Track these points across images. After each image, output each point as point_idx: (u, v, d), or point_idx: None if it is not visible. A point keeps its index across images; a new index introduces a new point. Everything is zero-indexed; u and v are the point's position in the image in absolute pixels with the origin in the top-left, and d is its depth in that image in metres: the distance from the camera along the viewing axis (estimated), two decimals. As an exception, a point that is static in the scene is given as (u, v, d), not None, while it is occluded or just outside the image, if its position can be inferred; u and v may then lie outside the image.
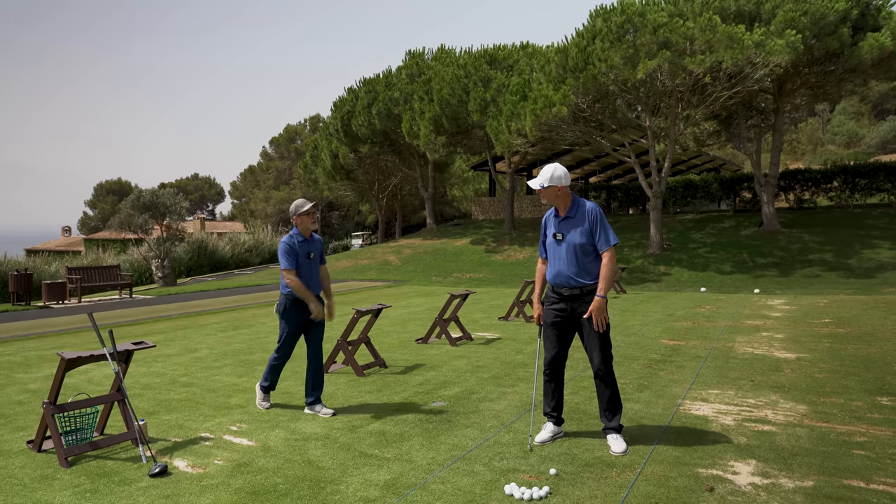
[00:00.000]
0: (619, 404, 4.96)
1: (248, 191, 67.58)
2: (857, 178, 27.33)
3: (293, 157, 63.10)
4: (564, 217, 4.96)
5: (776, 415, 5.64)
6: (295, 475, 4.47)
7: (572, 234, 4.91)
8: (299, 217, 6.04)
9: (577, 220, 4.91)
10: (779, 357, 8.28)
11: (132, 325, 13.17)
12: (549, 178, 4.88)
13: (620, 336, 10.19)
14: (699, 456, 4.64)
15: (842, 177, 27.70)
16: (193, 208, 70.96)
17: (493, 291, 19.26)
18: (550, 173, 4.89)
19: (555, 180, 4.87)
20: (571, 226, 4.93)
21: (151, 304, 17.63)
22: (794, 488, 4.04)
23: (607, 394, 4.94)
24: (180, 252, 30.96)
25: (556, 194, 4.91)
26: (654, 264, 22.59)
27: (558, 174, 4.88)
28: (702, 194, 30.81)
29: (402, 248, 31.72)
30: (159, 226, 26.03)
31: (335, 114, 37.36)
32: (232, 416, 6.03)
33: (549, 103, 21.50)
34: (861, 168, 27.34)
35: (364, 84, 35.79)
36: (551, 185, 4.87)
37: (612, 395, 4.94)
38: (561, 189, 4.89)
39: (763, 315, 12.52)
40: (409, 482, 4.29)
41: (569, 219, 4.95)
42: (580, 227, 4.89)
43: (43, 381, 7.69)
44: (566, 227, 4.95)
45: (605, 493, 4.04)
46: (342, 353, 7.82)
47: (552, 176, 4.88)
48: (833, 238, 22.53)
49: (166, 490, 4.28)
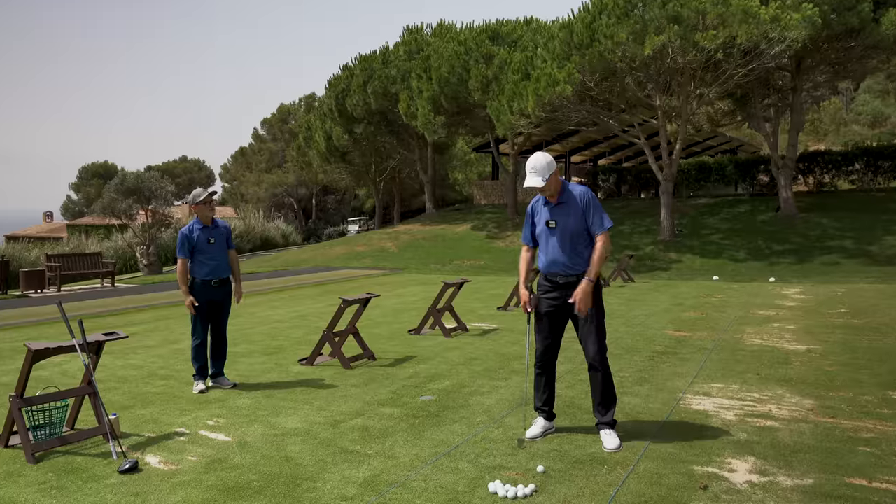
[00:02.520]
0: (613, 398, 4.97)
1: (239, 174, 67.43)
2: (880, 160, 27.24)
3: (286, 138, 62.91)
4: (557, 203, 4.94)
5: (780, 410, 5.65)
6: (271, 472, 4.49)
7: (566, 220, 4.90)
8: (196, 206, 6.82)
9: (570, 205, 4.90)
10: (788, 349, 8.29)
11: (112, 315, 13.20)
12: (545, 168, 4.81)
13: (624, 327, 10.20)
14: (696, 453, 4.65)
15: (864, 159, 27.61)
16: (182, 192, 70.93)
17: (494, 280, 19.27)
18: (545, 163, 4.82)
19: (551, 167, 4.83)
20: (564, 212, 4.92)
21: (134, 293, 17.67)
22: (793, 486, 4.05)
23: (601, 386, 4.95)
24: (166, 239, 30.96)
25: (554, 181, 4.89)
26: (664, 251, 22.58)
27: (549, 160, 4.85)
28: (716, 177, 30.74)
29: (400, 234, 31.73)
30: (144, 211, 26.03)
31: (329, 93, 37.27)
32: (210, 410, 6.06)
33: (553, 82, 21.41)
34: (885, 150, 27.24)
35: (360, 61, 35.68)
36: (550, 173, 4.84)
37: (606, 388, 4.95)
38: (556, 174, 4.88)
39: (776, 305, 12.52)
40: (389, 479, 4.31)
41: (561, 204, 4.93)
42: (573, 213, 4.88)
43: (15, 373, 7.72)
44: (559, 214, 4.93)
45: (594, 490, 4.06)
46: (329, 345, 7.83)
47: (547, 163, 4.83)
48: (854, 223, 22.48)
49: (135, 487, 4.30)
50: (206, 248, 6.79)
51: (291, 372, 7.59)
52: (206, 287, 6.78)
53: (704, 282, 17.68)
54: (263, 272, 24.11)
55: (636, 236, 24.94)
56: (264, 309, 13.46)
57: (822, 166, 28.59)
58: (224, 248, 6.96)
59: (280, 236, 44.88)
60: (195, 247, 6.78)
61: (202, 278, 6.76)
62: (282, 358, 8.39)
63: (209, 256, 6.79)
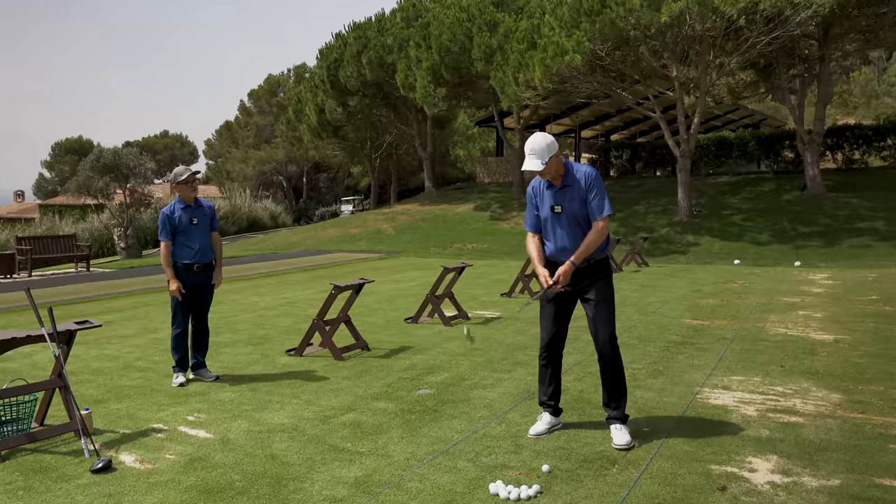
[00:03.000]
0: (623, 390, 4.94)
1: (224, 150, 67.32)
2: (914, 135, 27.13)
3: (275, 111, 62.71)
4: (561, 186, 4.87)
5: (805, 404, 5.62)
6: (255, 471, 4.47)
7: (571, 204, 4.84)
8: (178, 185, 6.81)
9: (575, 188, 4.84)
10: (815, 339, 8.26)
11: (86, 302, 13.19)
12: (545, 150, 4.73)
13: (637, 315, 10.17)
14: (713, 451, 4.62)
15: (897, 134, 27.50)
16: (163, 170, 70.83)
17: (498, 264, 19.25)
18: (544, 145, 4.74)
19: (551, 149, 4.74)
20: (569, 196, 4.85)
21: (111, 278, 17.66)
22: (818, 487, 4.02)
23: (611, 377, 4.92)
24: (146, 220, 30.92)
25: (555, 164, 4.82)
26: (681, 233, 22.54)
27: (550, 141, 4.77)
28: (737, 153, 30.63)
29: (398, 214, 31.69)
30: (122, 190, 25.98)
31: (321, 63, 37.11)
32: (190, 404, 6.04)
33: (561, 51, 21.28)
34: (919, 124, 27.13)
35: (354, 29, 35.49)
36: (550, 156, 4.76)
37: (616, 380, 4.92)
38: (557, 156, 4.82)
39: (802, 291, 12.49)
40: (382, 479, 4.28)
41: (566, 187, 4.86)
42: (578, 196, 4.82)
43: (-19, 365, 7.71)
44: (564, 198, 4.86)
45: (603, 492, 4.03)
46: (319, 335, 7.81)
47: (547, 146, 4.74)
48: (886, 203, 22.40)
49: (109, 487, 4.28)
50: (189, 229, 6.79)
51: (278, 363, 7.57)
52: (188, 272, 6.78)
53: (724, 266, 17.65)
54: (250, 256, 24.10)
55: (651, 217, 24.90)
56: (250, 295, 13.44)
57: (852, 142, 28.47)
58: (207, 229, 6.96)
59: (268, 217, 44.88)
60: (177, 228, 6.76)
61: (185, 262, 6.76)
62: (268, 348, 8.37)
63: (192, 239, 6.79)
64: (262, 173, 58.55)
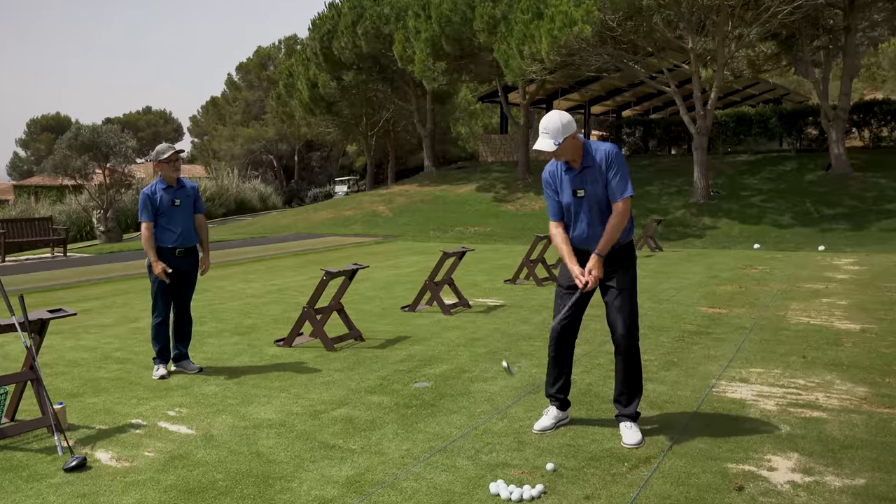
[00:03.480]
0: (638, 387, 4.91)
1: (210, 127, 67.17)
2: (946, 110, 27.02)
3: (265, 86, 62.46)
4: (581, 169, 4.79)
5: (829, 398, 5.60)
6: (239, 470, 4.45)
7: (594, 186, 4.75)
8: (160, 164, 6.78)
9: (596, 169, 4.75)
10: (839, 328, 8.23)
11: (63, 289, 13.19)
12: (560, 130, 4.63)
13: (650, 303, 10.14)
14: (730, 448, 4.60)
15: (928, 109, 27.38)
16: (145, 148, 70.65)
17: (502, 249, 19.23)
18: (559, 123, 4.64)
19: (567, 129, 4.64)
20: (591, 178, 4.76)
21: (89, 263, 17.65)
22: (842, 487, 4.00)
23: (627, 373, 4.88)
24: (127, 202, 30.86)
25: (571, 145, 4.74)
26: (697, 215, 22.49)
27: (566, 121, 4.65)
28: (757, 130, 30.53)
29: (395, 195, 31.65)
30: (102, 170, 25.93)
31: (314, 34, 36.97)
32: (171, 398, 6.02)
33: (570, 21, 21.15)
34: (952, 99, 27.01)
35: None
36: (566, 136, 4.67)
37: (631, 375, 4.89)
38: (574, 137, 4.72)
39: (826, 277, 12.46)
40: (375, 479, 4.27)
41: (587, 169, 4.77)
42: (601, 178, 4.73)
43: (-51, 356, 7.69)
44: (585, 181, 4.78)
45: (612, 492, 4.01)
46: (309, 324, 7.78)
47: (562, 125, 4.64)
48: (915, 184, 22.33)
49: (83, 487, 4.26)
50: (171, 211, 6.78)
51: (266, 354, 7.56)
52: (170, 257, 6.78)
53: (743, 251, 17.62)
54: (237, 240, 24.09)
55: (665, 198, 24.84)
56: (237, 282, 13.43)
57: (880, 118, 28.34)
58: (191, 211, 6.95)
59: (257, 199, 44.83)
60: (158, 210, 6.75)
61: (167, 247, 6.76)
62: (255, 338, 8.36)
63: (174, 221, 6.79)
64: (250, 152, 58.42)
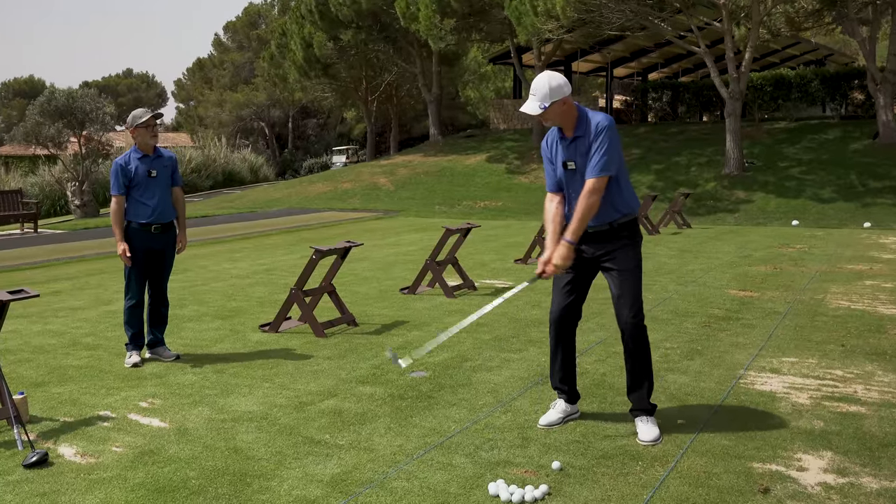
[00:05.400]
0: (647, 378, 4.88)
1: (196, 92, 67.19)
2: None
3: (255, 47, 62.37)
4: (573, 138, 4.79)
5: (869, 392, 5.56)
6: (214, 467, 4.45)
7: (584, 160, 4.76)
8: (136, 130, 6.66)
9: (587, 139, 4.75)
10: (883, 314, 8.18)
11: (31, 268, 13.23)
12: (546, 93, 4.66)
13: (674, 285, 10.10)
14: (756, 446, 4.57)
15: None
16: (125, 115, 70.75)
17: (514, 225, 19.20)
18: (547, 86, 4.66)
19: (555, 93, 4.66)
20: (581, 149, 4.78)
21: (62, 240, 17.72)
22: (879, 490, 3.97)
23: (634, 363, 4.88)
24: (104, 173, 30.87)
25: (561, 111, 4.72)
26: (729, 188, 22.40)
27: (556, 83, 4.67)
28: (797, 95, 30.36)
29: (397, 167, 31.62)
30: (77, 138, 25.93)
31: (308, -12, 36.81)
32: (144, 388, 6.02)
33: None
34: None
35: (346, -53, 35.12)
36: (553, 101, 4.67)
37: (640, 364, 4.87)
38: (566, 102, 4.71)
39: (870, 257, 12.40)
40: (363, 478, 4.25)
41: (578, 139, 4.78)
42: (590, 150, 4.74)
43: None
44: (576, 152, 4.80)
45: (624, 493, 3.99)
46: (298, 307, 7.76)
47: (550, 89, 4.66)
48: (971, 155, 22.19)
49: (43, 485, 4.25)
50: (147, 183, 6.71)
51: (250, 341, 7.56)
52: (144, 234, 6.72)
53: (780, 227, 17.56)
54: (224, 215, 24.12)
55: (694, 170, 24.74)
56: (221, 261, 13.44)
57: (934, 82, 28.11)
58: (168, 184, 6.91)
59: (247, 170, 44.87)
60: (132, 181, 6.68)
61: (141, 222, 6.69)
62: (239, 323, 8.36)
63: (150, 195, 6.72)
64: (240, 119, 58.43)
